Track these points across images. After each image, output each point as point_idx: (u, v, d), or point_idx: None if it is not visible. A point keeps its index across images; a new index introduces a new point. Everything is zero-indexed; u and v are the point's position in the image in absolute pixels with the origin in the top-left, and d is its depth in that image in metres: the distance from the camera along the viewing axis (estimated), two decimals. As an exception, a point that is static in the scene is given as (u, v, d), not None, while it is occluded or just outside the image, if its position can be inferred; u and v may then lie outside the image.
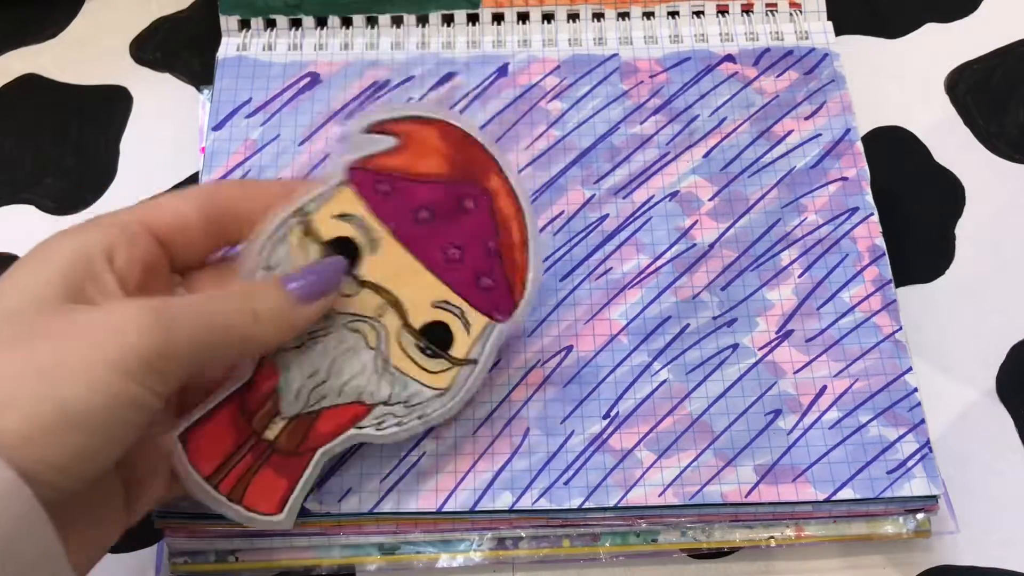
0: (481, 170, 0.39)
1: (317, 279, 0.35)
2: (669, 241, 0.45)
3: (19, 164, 0.51)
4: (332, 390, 0.37)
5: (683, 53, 0.50)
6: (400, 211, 0.38)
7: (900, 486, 0.39)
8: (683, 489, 0.39)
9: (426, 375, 0.38)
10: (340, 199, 0.37)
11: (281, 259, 0.36)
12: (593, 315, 0.43)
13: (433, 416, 0.37)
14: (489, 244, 0.38)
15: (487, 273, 0.38)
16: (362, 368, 0.37)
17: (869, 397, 0.41)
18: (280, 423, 0.36)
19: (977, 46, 0.53)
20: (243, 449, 0.36)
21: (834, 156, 0.47)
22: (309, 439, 0.37)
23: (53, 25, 0.55)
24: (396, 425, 0.37)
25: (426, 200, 0.38)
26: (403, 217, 0.38)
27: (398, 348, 0.37)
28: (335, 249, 0.37)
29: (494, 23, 0.51)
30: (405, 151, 0.38)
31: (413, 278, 0.38)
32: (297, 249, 0.37)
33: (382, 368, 0.37)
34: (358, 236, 0.37)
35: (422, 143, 0.39)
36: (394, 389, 0.37)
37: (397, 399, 0.37)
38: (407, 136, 0.38)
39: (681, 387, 0.42)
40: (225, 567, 0.40)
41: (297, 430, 0.37)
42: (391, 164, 0.38)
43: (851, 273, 0.44)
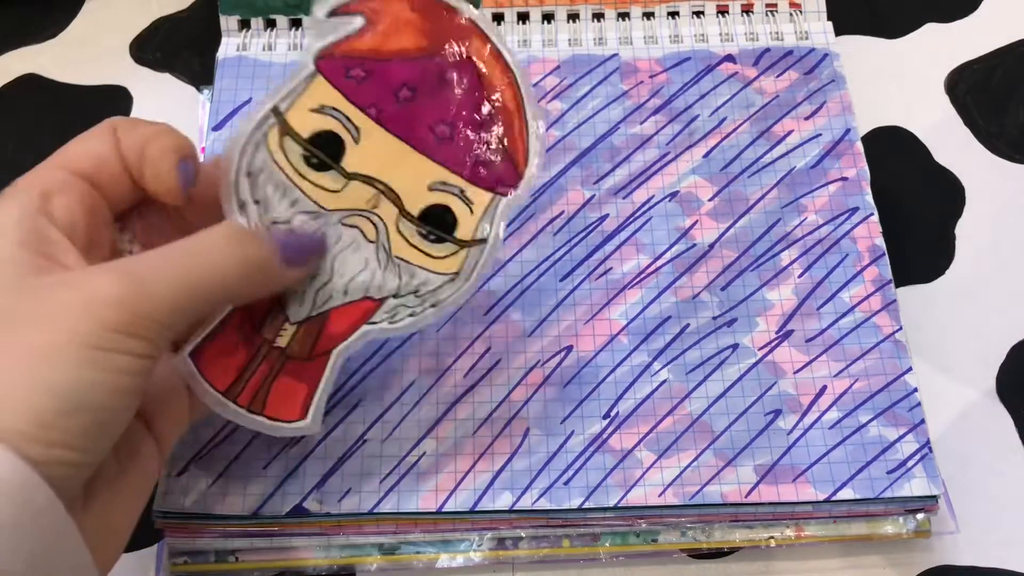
0: (461, 37, 0.36)
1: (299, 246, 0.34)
2: (669, 241, 0.45)
3: (19, 164, 0.51)
4: (337, 290, 0.36)
5: (683, 53, 0.50)
6: (378, 94, 0.36)
7: (900, 486, 0.39)
8: (683, 489, 0.39)
9: (433, 261, 0.36)
10: (313, 91, 0.35)
11: (261, 164, 0.35)
12: (593, 315, 0.43)
13: (448, 302, 0.36)
14: (480, 115, 0.36)
15: (484, 146, 0.36)
16: (365, 263, 0.36)
17: (869, 397, 0.41)
18: (290, 329, 0.35)
19: (977, 46, 0.53)
20: (256, 360, 0.35)
21: (834, 156, 0.47)
22: (322, 341, 0.36)
23: (53, 25, 0.55)
24: (410, 316, 0.36)
25: (405, 78, 0.36)
26: (383, 100, 0.36)
27: (399, 237, 0.36)
28: (316, 145, 0.35)
29: (494, 23, 0.51)
30: (374, 29, 0.36)
31: (404, 163, 0.36)
32: (278, 151, 0.35)
33: (386, 260, 0.36)
34: (338, 127, 0.35)
35: (392, 18, 0.36)
36: (402, 280, 0.36)
37: (407, 289, 0.36)
38: (374, 13, 0.36)
39: (681, 387, 0.42)
40: (225, 567, 0.40)
41: (308, 334, 0.36)
42: (361, 46, 0.36)
43: (851, 273, 0.44)
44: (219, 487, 0.39)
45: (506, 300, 0.44)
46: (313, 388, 0.36)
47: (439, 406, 0.41)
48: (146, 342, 0.30)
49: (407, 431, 0.41)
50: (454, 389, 0.42)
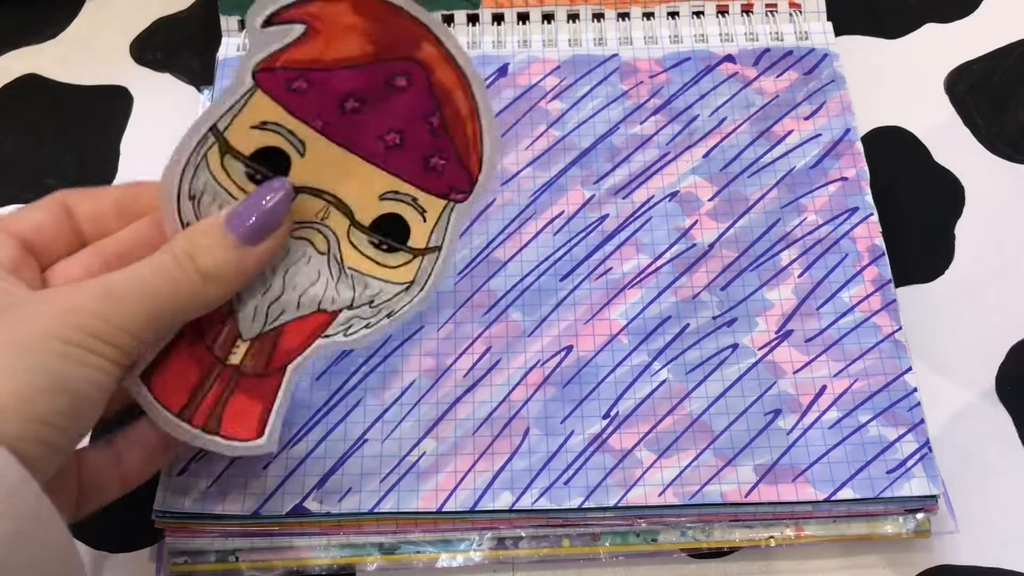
0: (409, 41, 0.34)
1: (260, 213, 0.33)
2: (669, 241, 0.45)
3: (19, 164, 0.51)
4: (290, 303, 0.35)
5: (683, 53, 0.50)
6: (323, 105, 0.34)
7: (900, 486, 0.39)
8: (683, 489, 0.39)
9: (387, 271, 0.36)
10: (254, 107, 0.34)
11: (203, 186, 0.34)
12: (593, 315, 0.43)
13: (403, 311, 0.36)
14: (432, 121, 0.35)
15: (435, 152, 0.35)
16: (317, 275, 0.35)
17: (869, 397, 0.41)
18: (243, 346, 0.35)
19: (977, 46, 0.53)
20: (209, 379, 0.35)
21: (834, 156, 0.47)
22: (275, 357, 0.35)
23: (53, 25, 0.55)
24: (365, 327, 0.36)
25: (350, 87, 0.34)
26: (327, 111, 0.34)
27: (352, 249, 0.35)
28: (260, 163, 0.34)
29: (494, 23, 0.51)
30: (316, 37, 0.33)
31: (353, 174, 0.35)
32: (219, 171, 0.34)
33: (338, 272, 0.35)
34: (281, 142, 0.34)
35: (333, 24, 0.33)
36: (355, 291, 0.35)
37: (361, 301, 0.35)
38: (314, 19, 0.33)
39: (681, 387, 0.42)
40: (225, 567, 0.40)
41: (261, 350, 0.35)
42: (302, 56, 0.33)
43: (851, 273, 0.44)
44: (219, 487, 0.39)
45: (506, 300, 0.44)
46: (268, 405, 0.35)
47: (439, 406, 0.41)
48: (119, 351, 0.31)
49: (407, 431, 0.41)
50: (454, 389, 0.42)
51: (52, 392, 0.29)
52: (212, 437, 0.35)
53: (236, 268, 0.33)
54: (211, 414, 0.35)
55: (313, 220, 0.35)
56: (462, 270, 0.44)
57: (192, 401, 0.34)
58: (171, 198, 0.34)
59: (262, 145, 0.34)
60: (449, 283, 0.44)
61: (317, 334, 0.35)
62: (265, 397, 0.35)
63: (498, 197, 0.46)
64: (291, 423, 0.41)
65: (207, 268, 0.33)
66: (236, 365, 0.35)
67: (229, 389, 0.35)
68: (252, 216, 0.33)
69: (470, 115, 0.35)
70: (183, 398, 0.34)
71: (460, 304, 0.44)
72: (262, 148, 0.34)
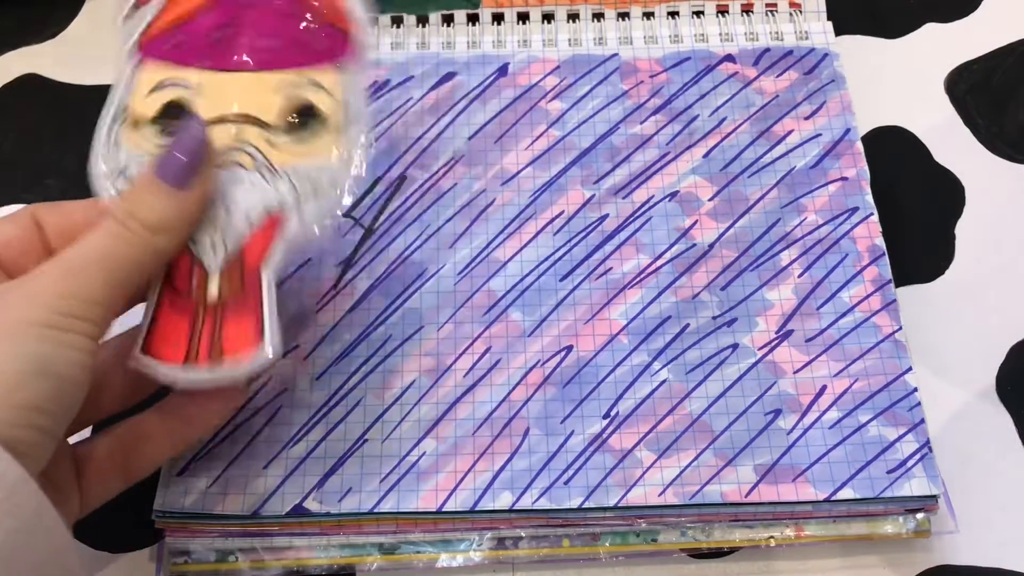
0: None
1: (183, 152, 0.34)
2: (669, 241, 0.45)
3: (19, 164, 0.51)
4: (239, 222, 0.35)
5: (683, 53, 0.50)
6: (199, 47, 0.37)
7: (900, 486, 0.39)
8: (683, 489, 0.39)
9: (314, 153, 0.36)
10: (144, 78, 0.36)
11: (125, 160, 0.35)
12: (593, 315, 0.43)
13: (348, 182, 0.36)
14: (285, 8, 0.37)
15: (305, 32, 0.37)
16: (252, 187, 0.36)
17: (869, 397, 0.41)
18: (215, 278, 0.35)
19: (977, 46, 0.53)
20: (198, 322, 0.35)
21: (834, 156, 0.47)
22: (246, 273, 0.35)
23: (53, 25, 0.55)
24: (317, 208, 0.36)
25: (213, 22, 0.37)
26: (203, 50, 0.37)
27: (274, 150, 0.36)
28: (168, 118, 0.36)
29: (494, 23, 0.51)
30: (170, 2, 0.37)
31: (249, 88, 0.36)
32: (135, 141, 0.36)
33: (271, 175, 0.36)
34: (178, 92, 0.36)
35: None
36: (294, 183, 0.36)
37: (303, 189, 0.36)
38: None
39: (681, 387, 0.42)
40: (225, 567, 0.40)
41: (232, 273, 0.35)
42: (168, 19, 0.37)
43: (851, 273, 0.44)
44: (219, 487, 0.39)
45: (506, 300, 0.44)
46: (259, 315, 0.35)
47: (439, 406, 0.41)
48: (92, 323, 0.32)
49: (407, 431, 0.41)
50: (454, 389, 0.42)
51: (36, 376, 0.30)
52: (221, 368, 0.34)
53: (178, 213, 0.34)
54: (212, 348, 0.35)
55: (231, 145, 0.36)
56: (462, 270, 0.44)
57: (191, 347, 0.35)
58: (102, 183, 0.35)
59: (163, 102, 0.36)
60: (449, 283, 0.44)
61: (276, 232, 0.35)
62: (252, 310, 0.35)
63: (498, 197, 0.46)
64: (291, 423, 0.41)
65: (150, 220, 0.33)
66: (216, 298, 0.35)
67: (218, 321, 0.35)
68: (176, 158, 0.34)
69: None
70: (182, 349, 0.35)
71: (460, 304, 0.44)
72: (164, 105, 0.36)
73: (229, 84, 0.36)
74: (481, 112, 0.48)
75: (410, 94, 0.49)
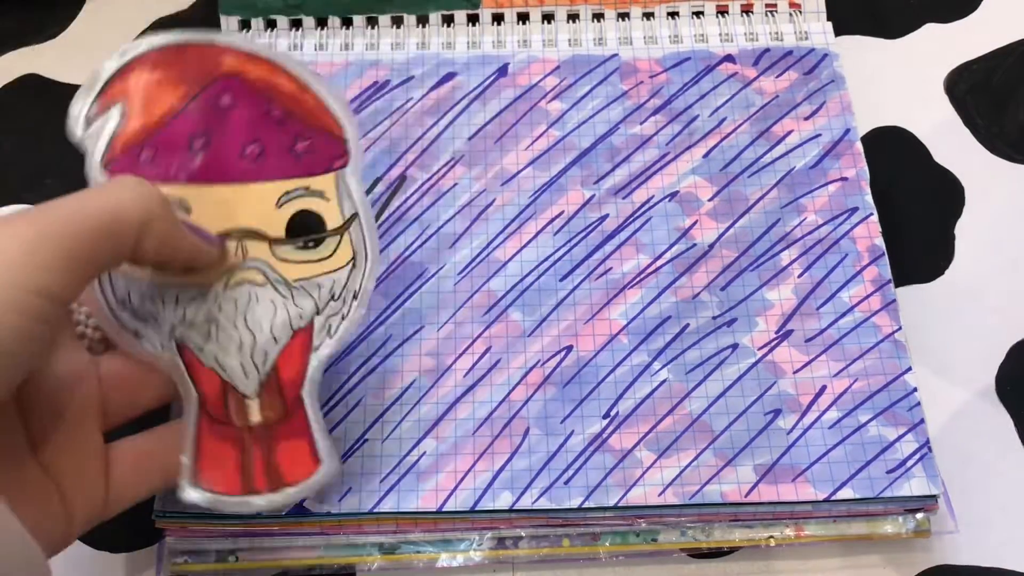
0: (209, 63, 0.36)
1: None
2: (669, 241, 0.45)
3: (19, 164, 0.51)
4: (266, 343, 0.35)
5: (683, 53, 0.50)
6: (176, 159, 0.35)
7: (900, 486, 0.39)
8: (683, 489, 0.39)
9: (327, 263, 0.36)
10: None
11: (125, 289, 0.35)
12: (593, 315, 0.43)
13: (363, 286, 0.36)
14: (274, 114, 0.36)
15: (296, 138, 0.36)
16: (272, 306, 0.35)
17: (868, 397, 0.41)
18: (253, 403, 0.35)
19: (977, 46, 0.53)
20: (247, 448, 0.35)
21: (834, 156, 0.47)
22: (286, 394, 0.35)
23: (53, 25, 0.55)
24: (343, 319, 0.36)
25: (188, 131, 0.35)
26: (183, 162, 0.35)
27: (284, 264, 0.36)
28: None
29: (494, 23, 0.51)
30: (133, 108, 0.35)
31: (241, 200, 0.35)
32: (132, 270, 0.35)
33: (287, 291, 0.36)
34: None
35: (141, 90, 0.35)
36: (313, 297, 0.36)
37: (323, 301, 0.36)
38: (122, 95, 0.35)
39: (681, 387, 0.42)
40: (225, 567, 0.40)
41: (271, 396, 0.35)
42: (133, 130, 0.35)
43: (851, 273, 0.44)
44: (219, 487, 0.39)
45: (506, 300, 0.44)
46: (310, 437, 0.35)
47: (439, 406, 0.41)
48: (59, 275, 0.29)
49: (407, 431, 0.41)
50: (454, 389, 0.42)
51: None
52: (285, 492, 0.35)
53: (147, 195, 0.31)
54: (269, 475, 0.35)
55: (237, 262, 0.36)
56: (462, 270, 0.44)
57: (245, 476, 0.35)
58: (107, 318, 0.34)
59: None
60: (449, 283, 0.44)
61: (307, 352, 0.36)
62: (302, 431, 0.35)
63: (498, 197, 0.46)
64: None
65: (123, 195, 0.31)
66: (260, 422, 0.35)
67: (268, 445, 0.35)
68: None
69: (300, 89, 0.36)
70: (236, 478, 0.35)
71: (460, 304, 0.44)
72: None
73: (221, 198, 0.35)
74: (481, 112, 0.48)
75: (410, 94, 0.49)
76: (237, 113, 0.35)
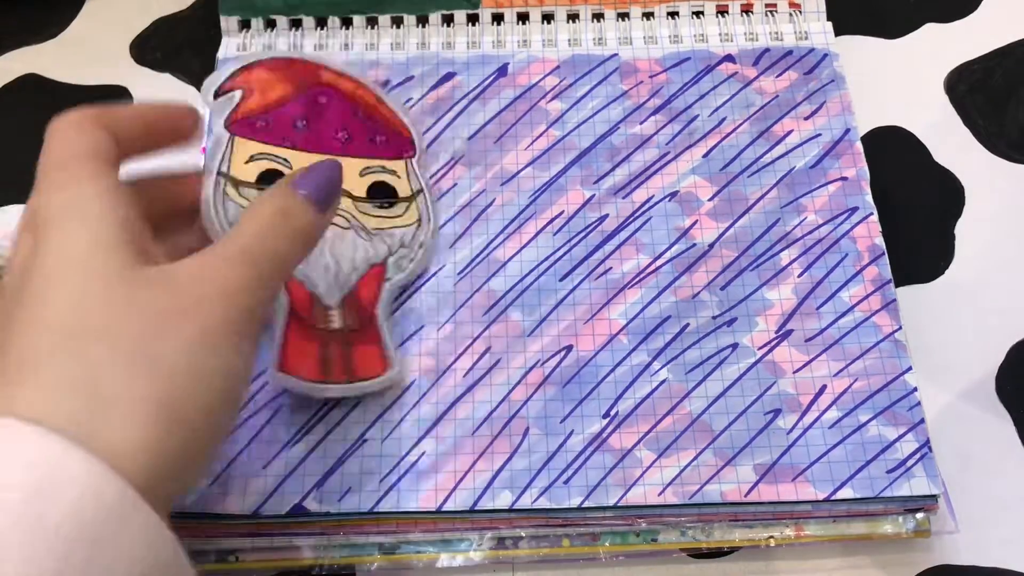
0: (312, 75, 0.46)
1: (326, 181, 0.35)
2: (669, 241, 0.45)
3: (19, 164, 0.51)
4: (350, 270, 0.43)
5: (683, 53, 0.50)
6: (284, 131, 0.45)
7: (900, 485, 0.39)
8: (683, 488, 0.39)
9: (398, 219, 0.45)
10: (238, 150, 0.43)
11: (236, 213, 0.41)
12: (593, 315, 0.43)
13: (428, 240, 0.45)
14: (359, 115, 0.46)
15: (375, 132, 0.46)
16: (354, 245, 0.44)
17: (869, 396, 0.41)
18: (335, 312, 0.42)
19: (976, 46, 0.53)
20: (327, 345, 0.41)
21: (834, 156, 0.47)
22: (363, 308, 0.43)
23: (53, 25, 0.55)
24: (411, 261, 0.44)
25: (294, 114, 0.45)
26: (289, 134, 0.45)
27: (365, 215, 0.44)
28: (265, 181, 0.43)
29: (494, 23, 0.51)
30: (253, 94, 0.45)
31: None
32: (240, 199, 0.42)
33: (367, 236, 0.44)
34: (272, 164, 0.44)
35: (260, 82, 0.45)
36: (387, 243, 0.44)
37: (396, 247, 0.44)
38: (246, 83, 0.45)
39: (681, 387, 0.42)
40: (225, 567, 0.40)
41: (351, 308, 0.42)
42: (251, 107, 0.45)
43: (850, 273, 0.44)
44: (219, 487, 0.39)
45: (506, 300, 0.44)
46: (381, 345, 0.42)
47: (439, 406, 0.41)
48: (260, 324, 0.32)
49: (407, 431, 0.41)
50: (454, 389, 0.42)
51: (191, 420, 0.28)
52: (358, 384, 0.41)
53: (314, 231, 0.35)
54: (346, 368, 0.41)
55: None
56: (462, 270, 0.44)
57: (324, 367, 0.41)
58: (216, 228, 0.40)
59: (261, 170, 0.43)
60: (449, 283, 0.44)
61: (382, 281, 0.44)
62: (374, 340, 0.42)
63: (498, 197, 0.46)
64: (290, 423, 0.41)
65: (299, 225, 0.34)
66: (340, 328, 0.42)
67: (346, 347, 0.41)
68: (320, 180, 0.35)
69: (378, 101, 0.47)
70: (316, 366, 0.41)
71: (460, 304, 0.44)
72: (261, 173, 0.43)
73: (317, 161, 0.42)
74: (481, 112, 0.48)
75: (410, 94, 0.49)
76: (331, 110, 0.46)
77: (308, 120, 0.45)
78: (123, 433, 0.27)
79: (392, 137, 0.46)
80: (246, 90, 0.45)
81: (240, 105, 0.45)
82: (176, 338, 0.28)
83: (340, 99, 0.46)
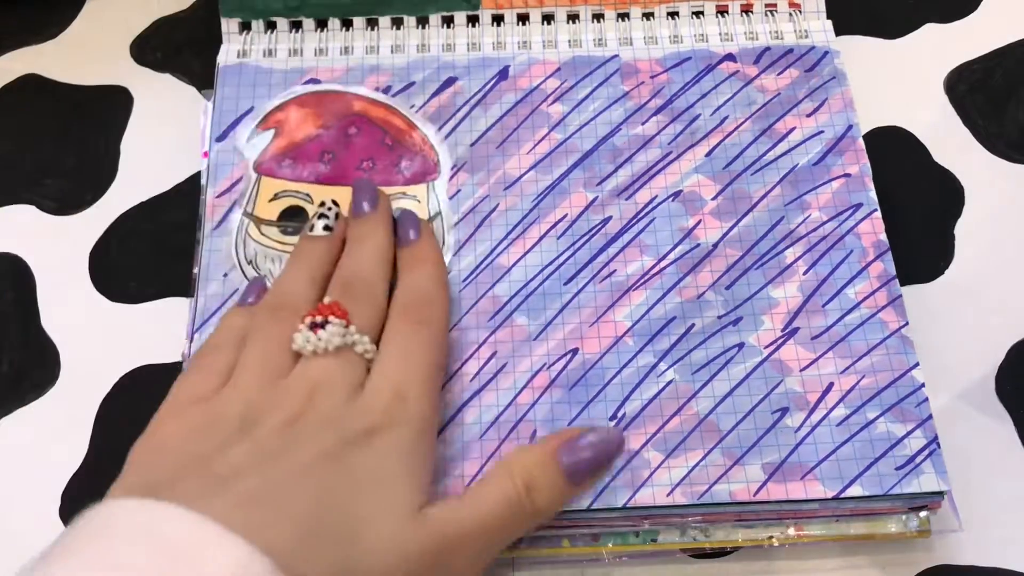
0: (344, 105, 0.48)
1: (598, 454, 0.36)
2: (673, 241, 0.45)
3: (19, 164, 0.51)
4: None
5: (683, 53, 0.50)
6: (309, 167, 0.47)
7: (909, 482, 0.39)
8: (691, 489, 0.39)
9: None
10: (264, 189, 0.46)
11: (254, 253, 0.45)
12: (598, 317, 0.43)
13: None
14: (387, 142, 0.48)
15: (401, 158, 0.47)
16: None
17: (876, 393, 0.41)
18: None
19: (976, 46, 0.53)
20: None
21: (836, 153, 0.47)
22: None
23: (53, 25, 0.55)
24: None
25: (321, 148, 0.47)
26: (315, 169, 0.47)
27: None
28: (286, 219, 0.46)
29: (494, 24, 0.51)
30: (283, 133, 0.48)
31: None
32: (261, 238, 0.45)
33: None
34: (295, 200, 0.46)
35: (291, 119, 0.48)
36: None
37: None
38: (278, 123, 0.48)
39: (687, 387, 0.42)
40: None
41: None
42: (281, 146, 0.47)
43: (856, 269, 0.44)
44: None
45: (511, 305, 0.44)
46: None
47: (445, 410, 0.41)
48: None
49: (414, 434, 0.41)
50: (460, 394, 0.42)
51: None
52: None
53: (562, 504, 0.37)
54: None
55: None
56: (467, 277, 0.44)
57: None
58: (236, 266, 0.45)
59: (283, 208, 0.46)
60: (454, 290, 0.44)
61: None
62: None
63: (501, 202, 0.46)
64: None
65: (539, 504, 0.36)
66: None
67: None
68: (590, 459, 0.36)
69: (409, 127, 0.48)
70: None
71: (466, 310, 0.44)
72: (283, 210, 0.46)
73: (338, 193, 0.45)
74: (482, 118, 0.48)
75: (412, 101, 0.49)
76: (359, 140, 0.47)
77: (336, 152, 0.47)
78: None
79: (417, 162, 0.47)
80: (278, 130, 0.48)
81: (271, 144, 0.47)
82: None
83: (370, 127, 0.48)
